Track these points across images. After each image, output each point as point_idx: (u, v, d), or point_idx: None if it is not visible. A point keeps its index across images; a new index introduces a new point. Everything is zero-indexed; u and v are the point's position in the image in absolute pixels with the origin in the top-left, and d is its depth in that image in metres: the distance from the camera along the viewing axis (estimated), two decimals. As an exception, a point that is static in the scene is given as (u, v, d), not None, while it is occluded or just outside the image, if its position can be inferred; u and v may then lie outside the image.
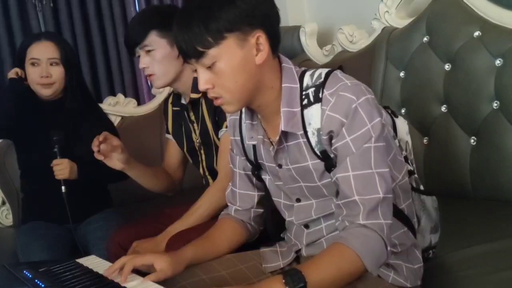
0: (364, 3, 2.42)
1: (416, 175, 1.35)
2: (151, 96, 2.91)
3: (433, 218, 1.36)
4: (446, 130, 1.87)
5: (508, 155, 1.68)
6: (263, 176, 1.34)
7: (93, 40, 2.96)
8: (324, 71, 1.18)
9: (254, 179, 1.38)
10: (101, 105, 2.39)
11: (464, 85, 1.82)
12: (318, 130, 1.16)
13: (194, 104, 1.78)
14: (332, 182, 1.19)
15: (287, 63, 1.21)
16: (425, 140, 1.96)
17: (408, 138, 1.36)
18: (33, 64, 2.00)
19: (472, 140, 1.80)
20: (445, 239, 1.41)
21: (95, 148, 1.65)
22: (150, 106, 2.81)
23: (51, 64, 2.00)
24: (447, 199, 1.42)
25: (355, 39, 2.36)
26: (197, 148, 1.83)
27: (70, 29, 2.92)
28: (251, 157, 1.33)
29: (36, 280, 1.22)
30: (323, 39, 2.56)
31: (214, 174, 1.78)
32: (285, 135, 1.20)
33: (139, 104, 2.90)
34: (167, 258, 1.20)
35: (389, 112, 1.34)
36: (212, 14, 1.10)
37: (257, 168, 1.33)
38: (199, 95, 1.75)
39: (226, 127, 1.67)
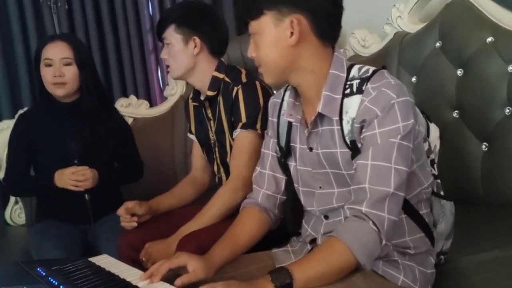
0: (376, 7, 2.41)
1: (438, 180, 1.36)
2: (163, 98, 2.93)
3: (450, 224, 1.37)
4: (458, 135, 1.86)
5: (520, 161, 1.68)
6: (289, 163, 1.36)
7: (107, 42, 2.97)
8: (372, 68, 1.23)
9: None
10: (113, 106, 2.41)
11: (476, 91, 1.81)
12: (353, 119, 1.19)
13: (211, 101, 1.80)
14: None
15: (339, 54, 1.26)
16: (436, 145, 1.96)
17: (437, 142, 1.39)
18: (46, 65, 2.02)
19: (484, 146, 1.79)
20: (456, 244, 1.42)
21: (126, 223, 1.75)
22: (162, 108, 2.82)
23: (64, 64, 2.01)
24: (459, 204, 1.41)
25: (367, 43, 2.35)
26: (212, 145, 1.85)
27: (84, 31, 2.94)
28: (283, 140, 1.36)
29: (49, 278, 1.23)
30: (335, 43, 2.56)
31: (228, 169, 1.78)
32: (320, 119, 1.24)
33: (151, 105, 2.92)
34: (201, 261, 1.20)
35: (425, 116, 1.38)
36: None
37: (285, 153, 1.36)
38: (215, 93, 1.76)
39: (241, 127, 1.68)
